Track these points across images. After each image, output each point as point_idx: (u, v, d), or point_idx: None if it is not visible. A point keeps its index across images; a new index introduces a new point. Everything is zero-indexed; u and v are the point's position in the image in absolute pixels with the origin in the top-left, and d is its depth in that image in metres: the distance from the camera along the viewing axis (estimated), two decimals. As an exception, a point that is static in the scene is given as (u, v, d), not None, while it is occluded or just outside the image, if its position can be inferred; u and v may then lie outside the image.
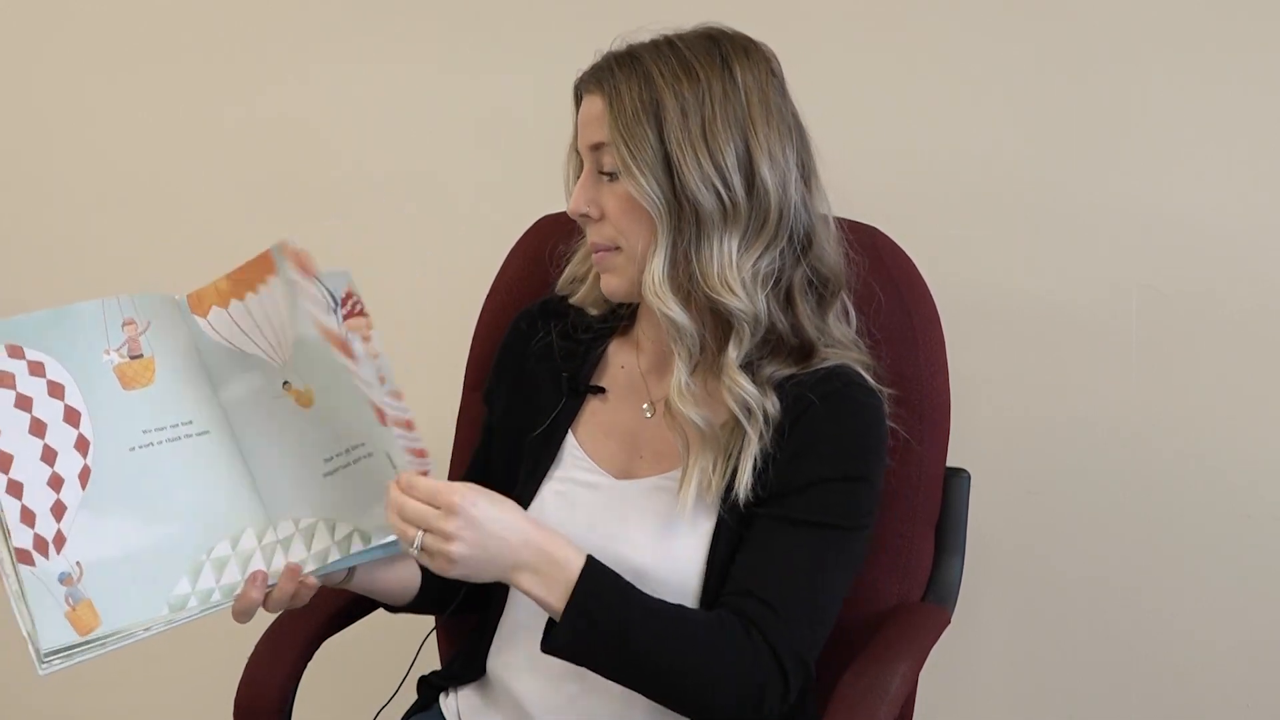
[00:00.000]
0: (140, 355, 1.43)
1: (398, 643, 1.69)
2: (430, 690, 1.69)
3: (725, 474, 1.50)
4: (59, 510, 1.36)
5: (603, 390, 1.63)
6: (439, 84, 2.21)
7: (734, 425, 1.51)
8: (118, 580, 1.37)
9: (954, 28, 2.00)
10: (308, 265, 1.38)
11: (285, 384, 1.45)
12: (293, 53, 2.28)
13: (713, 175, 1.47)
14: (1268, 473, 1.98)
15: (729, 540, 1.50)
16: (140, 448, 1.41)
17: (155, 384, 1.43)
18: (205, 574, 1.42)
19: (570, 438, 1.62)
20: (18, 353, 1.38)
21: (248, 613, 1.44)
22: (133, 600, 1.38)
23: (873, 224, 1.75)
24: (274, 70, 2.29)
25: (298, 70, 2.27)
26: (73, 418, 1.39)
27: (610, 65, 1.51)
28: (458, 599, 1.59)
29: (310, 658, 1.67)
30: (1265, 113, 1.92)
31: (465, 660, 1.66)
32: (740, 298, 1.48)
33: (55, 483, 1.37)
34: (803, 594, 1.46)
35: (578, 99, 1.55)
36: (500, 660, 1.62)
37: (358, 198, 2.27)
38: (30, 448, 1.36)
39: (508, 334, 1.70)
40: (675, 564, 1.51)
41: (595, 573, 1.42)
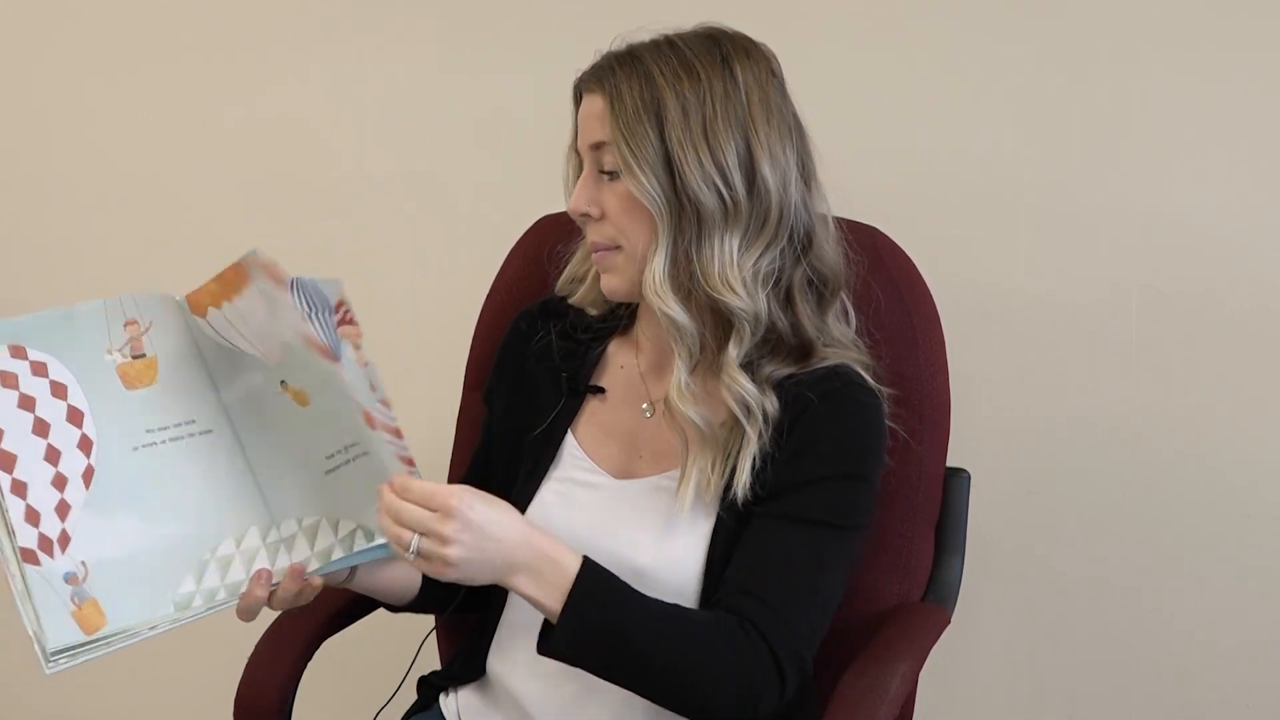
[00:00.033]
0: (143, 355, 1.43)
1: (398, 643, 1.69)
2: (430, 690, 1.69)
3: (724, 473, 1.50)
4: (63, 510, 1.36)
5: (602, 390, 1.63)
6: (439, 84, 2.21)
7: (733, 424, 1.51)
8: (123, 579, 1.37)
9: (954, 28, 2.00)
10: (278, 275, 1.37)
11: (282, 383, 1.45)
12: (293, 53, 2.27)
13: (714, 174, 1.47)
14: (1268, 473, 1.98)
15: (728, 540, 1.50)
16: (144, 447, 1.42)
17: (158, 383, 1.43)
18: (210, 573, 1.42)
19: (570, 438, 1.62)
20: (20, 353, 1.37)
21: (252, 611, 1.44)
22: (138, 599, 1.38)
23: (873, 224, 1.75)
24: (274, 70, 2.29)
25: (298, 70, 2.27)
26: (76, 418, 1.39)
27: (611, 64, 1.51)
28: (458, 599, 1.58)
29: (310, 658, 1.67)
30: (1265, 113, 1.92)
31: (465, 660, 1.66)
32: (741, 296, 1.48)
33: (59, 482, 1.36)
34: (801, 592, 1.46)
35: (577, 98, 1.55)
36: (500, 660, 1.62)
37: (358, 198, 2.27)
38: (34, 447, 1.36)
39: (508, 334, 1.70)
40: (675, 564, 1.51)
41: (591, 574, 1.42)
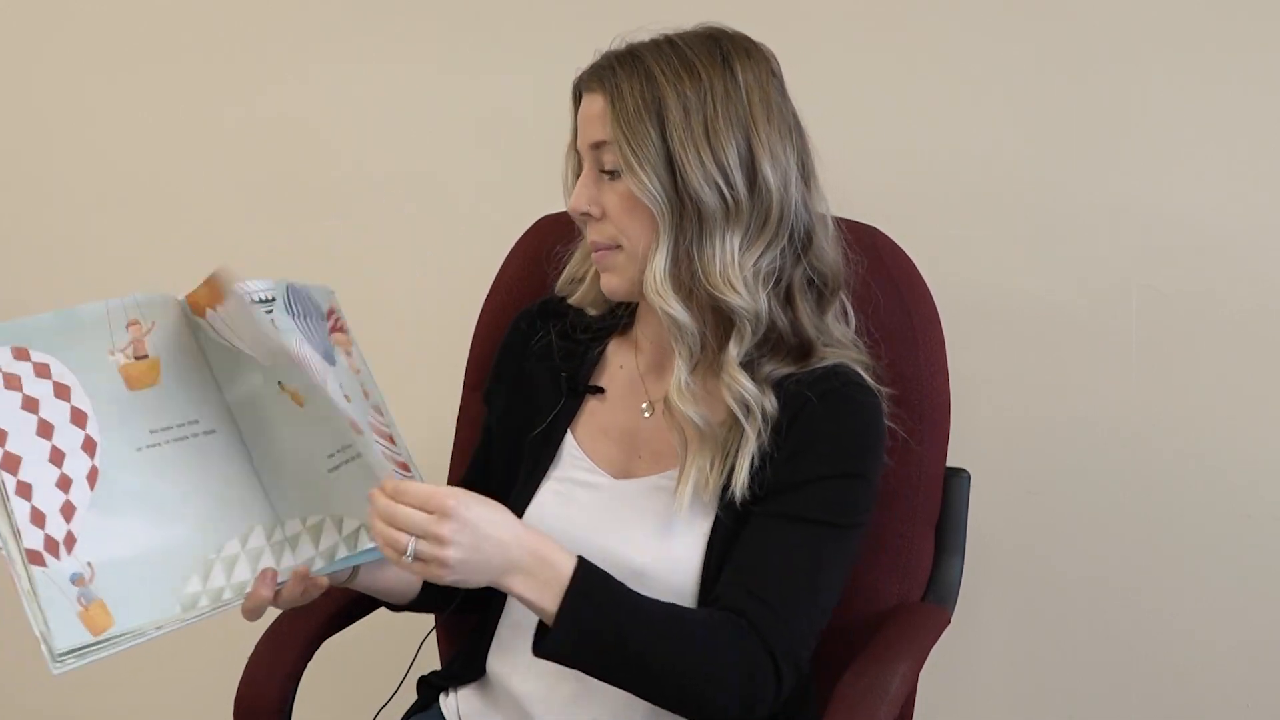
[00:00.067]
0: (145, 356, 1.43)
1: (398, 643, 1.68)
2: (430, 690, 1.69)
3: (723, 472, 1.50)
4: (68, 511, 1.36)
5: (601, 390, 1.63)
6: (439, 84, 2.21)
7: (732, 424, 1.51)
8: (129, 580, 1.37)
9: (954, 28, 2.00)
10: (242, 293, 1.37)
11: (280, 383, 1.45)
12: (293, 53, 2.27)
13: (715, 173, 1.47)
14: (1268, 473, 1.98)
15: (726, 539, 1.50)
16: (147, 448, 1.42)
17: (161, 384, 1.43)
18: (216, 572, 1.42)
19: (569, 438, 1.62)
20: (23, 355, 1.37)
21: (258, 610, 1.44)
22: (145, 600, 1.38)
23: (873, 224, 1.75)
24: (274, 70, 2.29)
25: (298, 70, 2.27)
26: (79, 419, 1.39)
27: (611, 64, 1.50)
28: (458, 598, 1.59)
29: (310, 658, 1.67)
30: (1265, 113, 1.92)
31: (465, 660, 1.66)
32: (742, 295, 1.48)
33: (64, 484, 1.36)
34: (800, 591, 1.46)
35: (577, 98, 1.55)
36: (500, 660, 1.62)
37: (358, 198, 2.27)
38: (38, 449, 1.36)
39: (507, 334, 1.70)
40: (674, 563, 1.51)
41: (587, 574, 1.41)
